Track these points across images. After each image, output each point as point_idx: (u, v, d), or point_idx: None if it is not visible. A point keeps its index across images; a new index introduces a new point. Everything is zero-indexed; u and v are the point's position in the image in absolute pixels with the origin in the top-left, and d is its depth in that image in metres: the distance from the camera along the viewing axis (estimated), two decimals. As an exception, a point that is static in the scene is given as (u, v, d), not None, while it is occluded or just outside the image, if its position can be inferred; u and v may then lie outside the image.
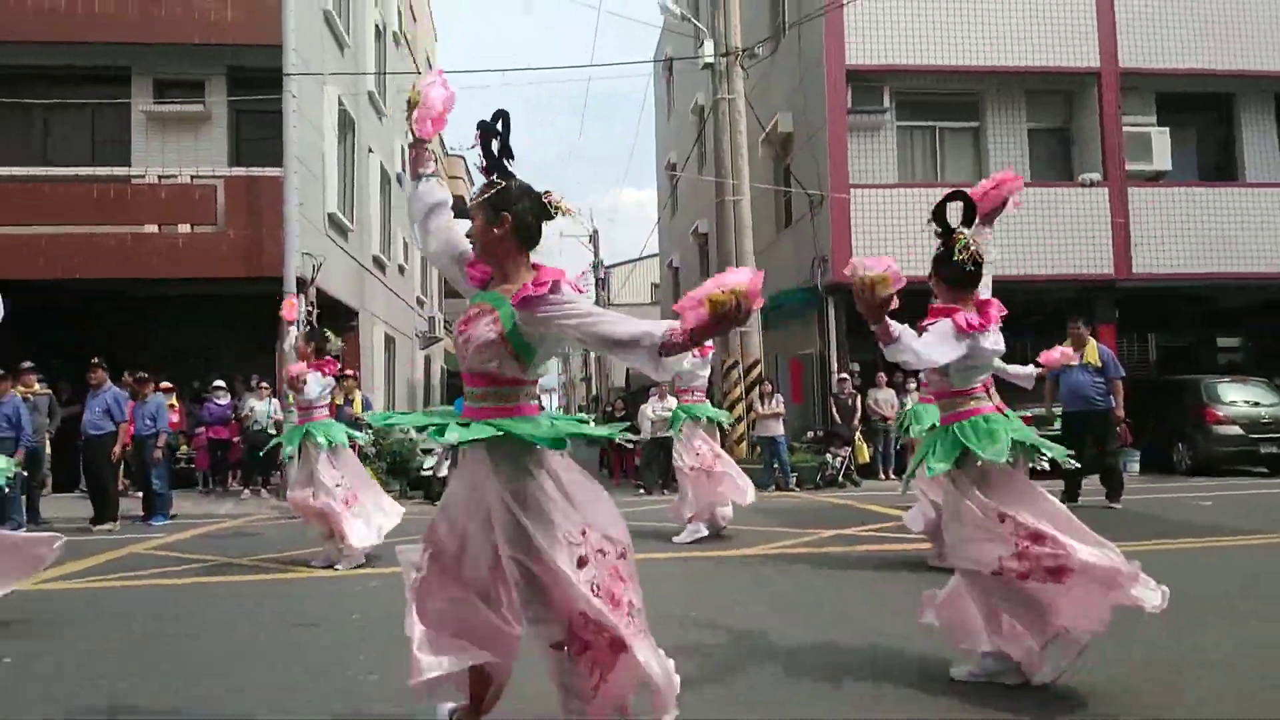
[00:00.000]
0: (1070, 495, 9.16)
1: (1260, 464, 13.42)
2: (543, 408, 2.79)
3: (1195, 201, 15.53)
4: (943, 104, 16.13)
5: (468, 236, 2.74)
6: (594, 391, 45.39)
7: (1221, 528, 7.46)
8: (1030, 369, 5.21)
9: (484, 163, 2.70)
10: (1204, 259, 15.29)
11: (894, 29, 15.08)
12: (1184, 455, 13.98)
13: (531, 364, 2.59)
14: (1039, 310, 13.22)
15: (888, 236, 14.71)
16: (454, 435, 2.51)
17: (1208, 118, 16.76)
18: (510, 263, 2.64)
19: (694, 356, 7.72)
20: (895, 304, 3.07)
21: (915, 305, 3.57)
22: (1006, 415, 3.58)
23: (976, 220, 3.76)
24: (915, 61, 15.14)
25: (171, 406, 11.26)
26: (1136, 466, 13.48)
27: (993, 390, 3.67)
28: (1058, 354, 5.81)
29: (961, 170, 16.07)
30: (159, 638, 4.45)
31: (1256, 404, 13.64)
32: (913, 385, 14.05)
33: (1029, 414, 13.38)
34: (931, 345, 3.33)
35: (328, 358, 7.07)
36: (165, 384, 11.39)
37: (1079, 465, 4.95)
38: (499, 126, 2.72)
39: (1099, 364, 9.27)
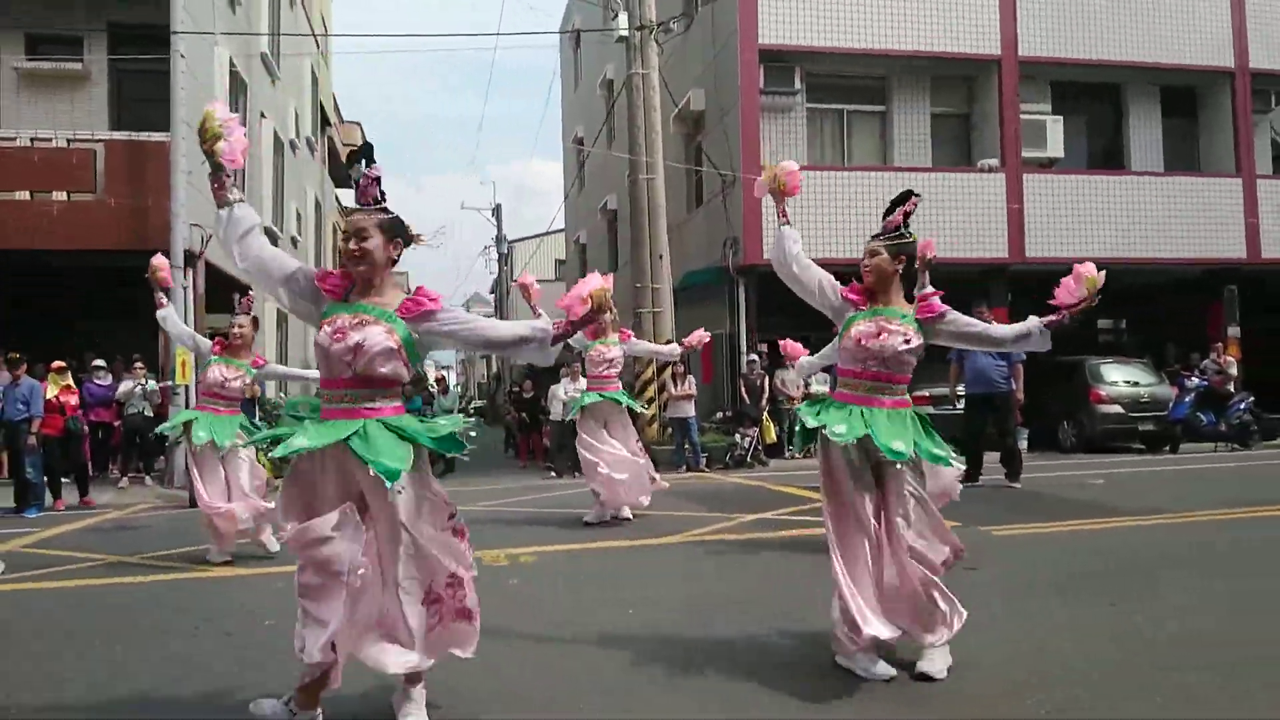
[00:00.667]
0: (971, 476, 9.44)
1: (1139, 441, 14.20)
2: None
3: (1085, 188, 16.21)
4: (852, 87, 16.34)
5: (357, 247, 2.95)
6: (494, 369, 44.74)
7: (1119, 508, 7.79)
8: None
9: (370, 189, 3.08)
10: (1091, 244, 15.96)
11: (806, 10, 15.15)
12: (1069, 433, 14.67)
13: (416, 366, 3.03)
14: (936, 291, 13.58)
15: (798, 218, 14.57)
16: (402, 456, 2.84)
17: (1099, 107, 17.48)
18: (380, 277, 3.01)
19: (616, 342, 7.61)
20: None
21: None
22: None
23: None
24: (826, 43, 15.26)
25: (68, 388, 10.42)
26: (1025, 444, 14.06)
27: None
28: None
29: (868, 153, 16.36)
30: (46, 655, 4.08)
31: (1136, 384, 14.40)
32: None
33: (927, 394, 13.92)
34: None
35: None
36: (58, 363, 10.55)
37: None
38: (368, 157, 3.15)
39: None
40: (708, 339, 8.38)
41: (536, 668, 3.69)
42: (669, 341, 13.97)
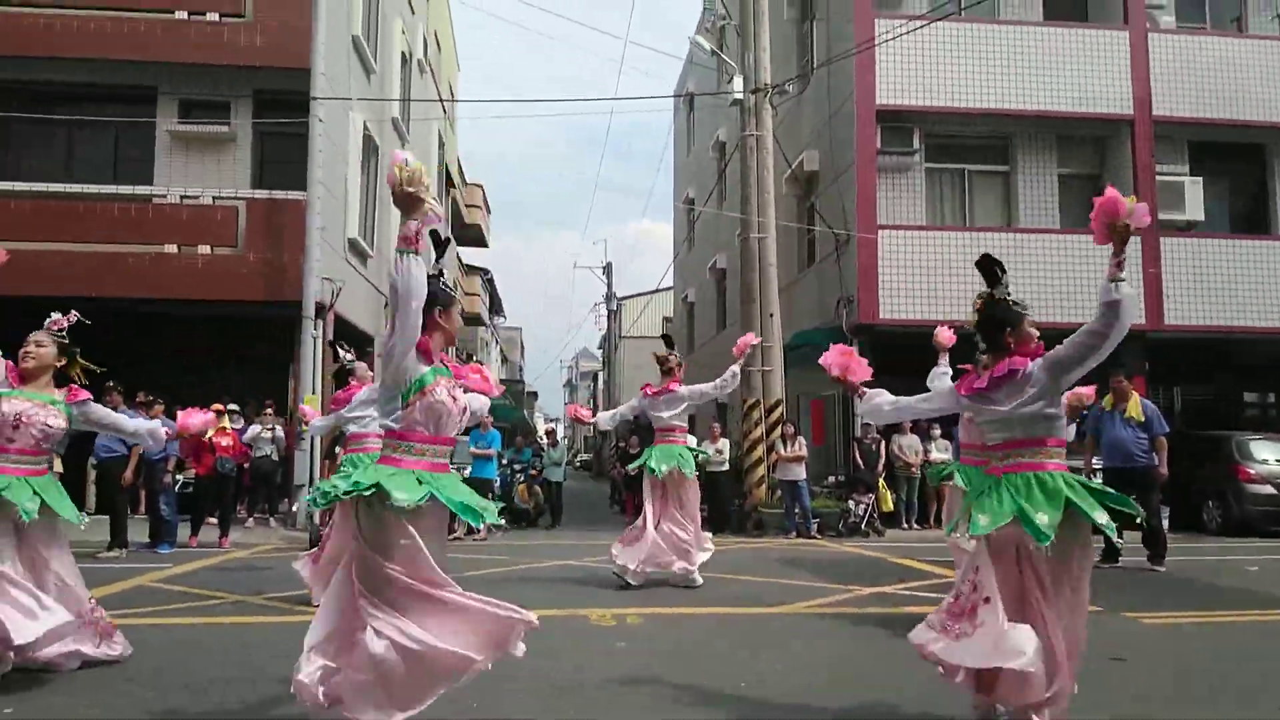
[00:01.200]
0: (1109, 556, 8.81)
1: (1294, 525, 13.01)
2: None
3: (1227, 252, 15.29)
4: (973, 147, 15.96)
5: (437, 326, 3.32)
6: (603, 425, 44.97)
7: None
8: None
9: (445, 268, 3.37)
10: (1235, 311, 15.03)
11: (925, 70, 14.94)
12: (1214, 514, 13.59)
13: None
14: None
15: (915, 278, 14.49)
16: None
17: (1241, 168, 16.55)
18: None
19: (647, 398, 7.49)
20: None
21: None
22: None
23: None
24: (946, 103, 15.00)
25: (222, 430, 10.88)
26: (1166, 523, 13.09)
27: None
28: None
29: (991, 214, 15.89)
30: (166, 690, 4.14)
31: (1280, 460, 13.27)
32: (936, 432, 13.78)
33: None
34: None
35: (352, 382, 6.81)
36: (217, 406, 11.06)
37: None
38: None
39: (1142, 418, 8.94)
40: (755, 341, 8.00)
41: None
42: (776, 403, 13.73)
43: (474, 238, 32.92)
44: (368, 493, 3.06)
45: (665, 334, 8.69)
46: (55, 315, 4.53)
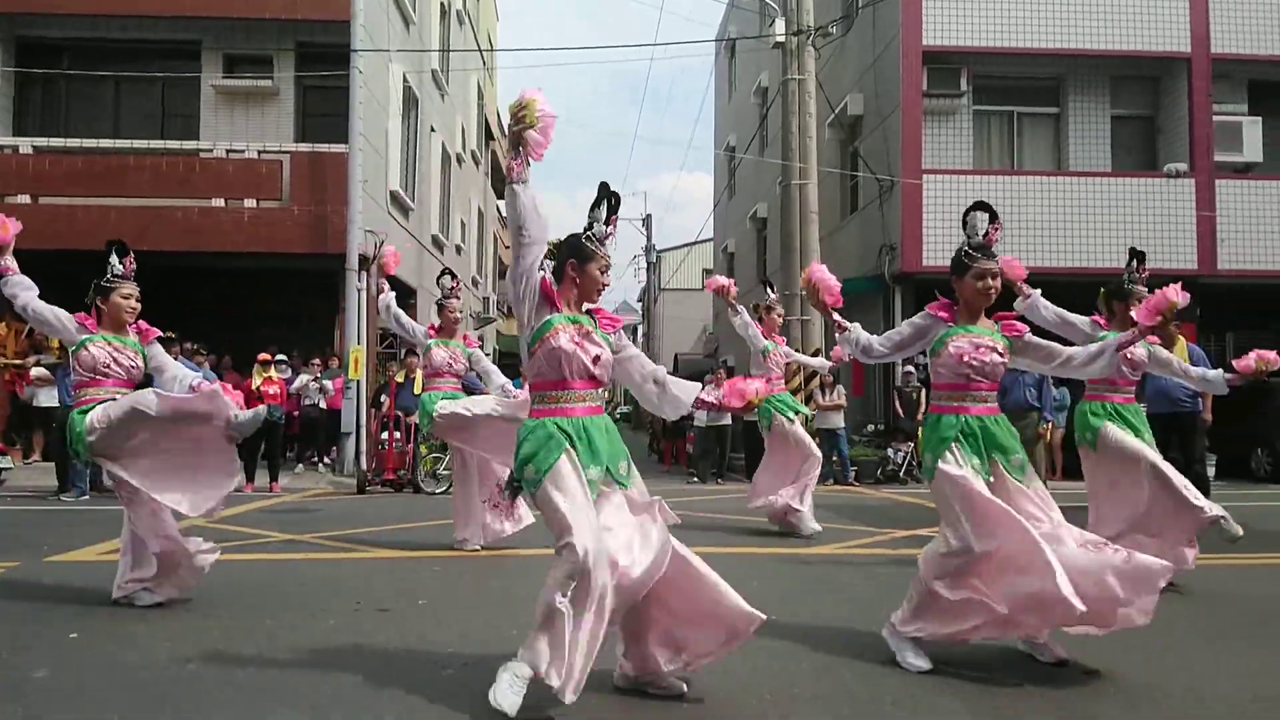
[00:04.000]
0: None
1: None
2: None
3: (1288, 195, 14.78)
4: (1022, 88, 15.53)
5: (569, 278, 3.27)
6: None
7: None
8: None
9: (610, 224, 3.30)
10: (1294, 255, 14.58)
11: (973, 9, 14.53)
12: (1262, 461, 13.37)
13: None
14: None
15: (961, 224, 14.22)
16: None
17: (1303, 108, 15.91)
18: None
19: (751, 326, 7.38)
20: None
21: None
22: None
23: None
24: (995, 43, 14.59)
25: (269, 379, 11.13)
26: (1213, 470, 12.89)
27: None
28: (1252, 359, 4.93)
29: (1040, 158, 15.51)
30: (224, 619, 4.36)
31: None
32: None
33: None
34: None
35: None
36: (263, 355, 11.30)
37: None
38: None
39: (1188, 363, 8.76)
40: (724, 282, 7.77)
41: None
42: (816, 352, 13.69)
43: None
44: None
45: (766, 279, 8.52)
46: (116, 260, 4.67)
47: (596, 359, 3.17)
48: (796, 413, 7.50)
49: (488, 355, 8.32)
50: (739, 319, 7.34)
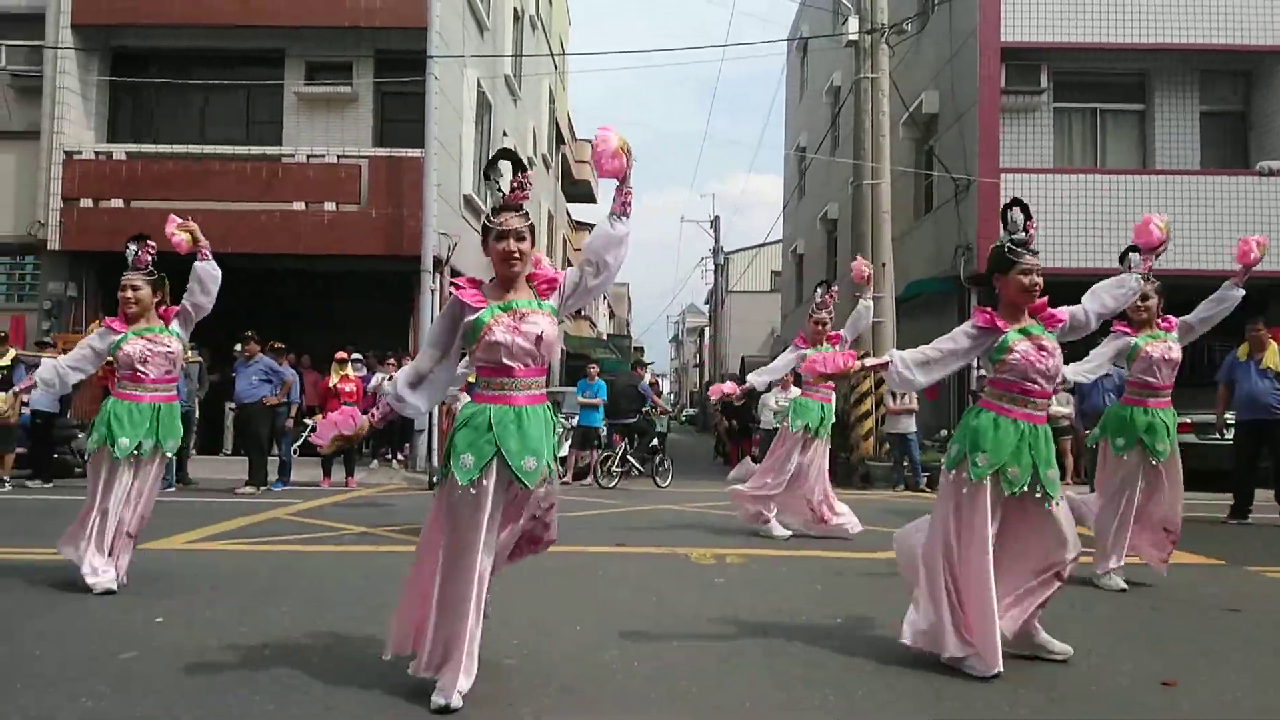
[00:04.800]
0: (1239, 512, 8.36)
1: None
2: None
3: (1394, 193, 13.98)
4: (1105, 84, 15.01)
5: (516, 248, 3.17)
6: (707, 378, 45.10)
7: None
8: None
9: (517, 185, 3.21)
10: (1402, 257, 13.76)
11: (1054, 4, 14.11)
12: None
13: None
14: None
15: (1042, 225, 13.80)
16: None
17: None
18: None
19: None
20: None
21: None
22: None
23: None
24: (1077, 39, 14.15)
25: (346, 377, 11.43)
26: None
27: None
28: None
29: (1124, 156, 14.99)
30: (313, 603, 4.49)
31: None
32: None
33: (1189, 420, 12.44)
34: None
35: None
36: (340, 354, 11.57)
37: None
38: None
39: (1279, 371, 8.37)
40: (866, 269, 7.43)
41: (717, 658, 3.61)
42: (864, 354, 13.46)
43: (583, 194, 33.18)
44: None
45: (824, 280, 8.36)
46: (132, 248, 4.90)
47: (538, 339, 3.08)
48: (819, 435, 7.29)
49: (557, 356, 8.43)
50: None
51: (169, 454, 5.00)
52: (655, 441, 13.39)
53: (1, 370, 9.89)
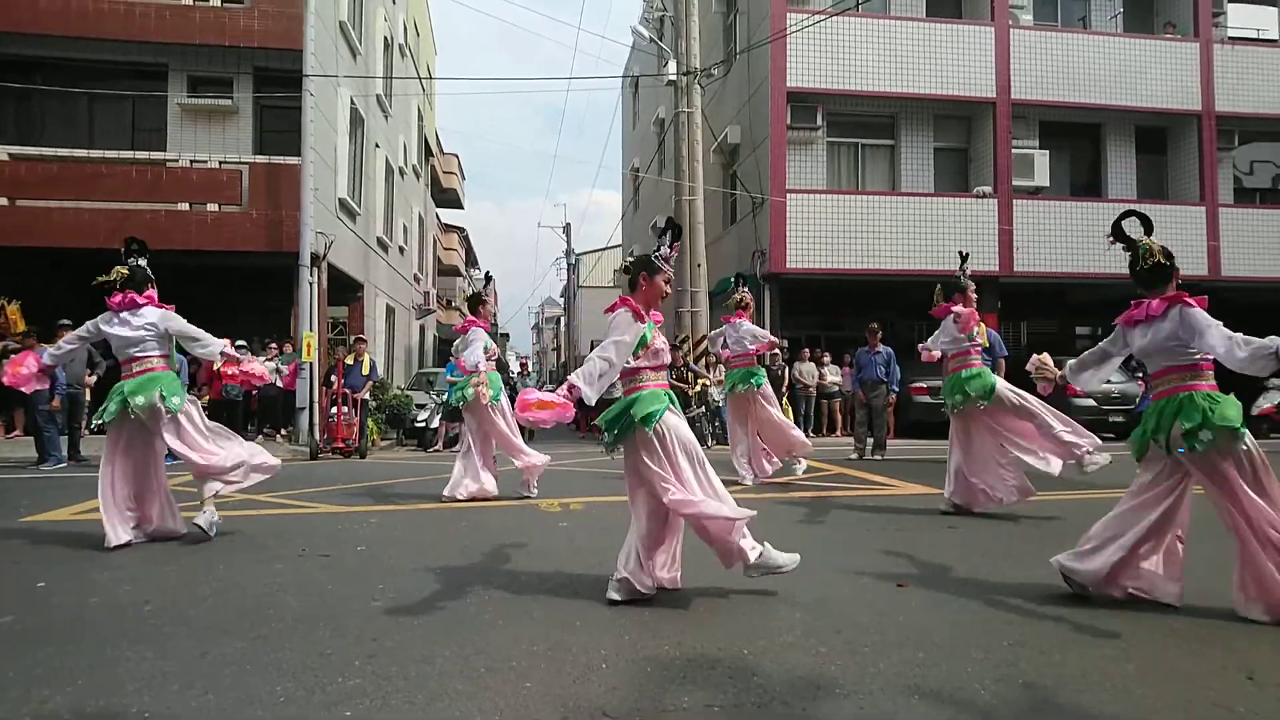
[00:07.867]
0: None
1: (1110, 431, 13.69)
2: None
3: (1066, 213, 15.69)
4: (865, 123, 16.02)
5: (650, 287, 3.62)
6: (562, 359, 45.10)
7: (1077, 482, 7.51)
8: None
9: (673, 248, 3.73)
10: (1070, 261, 15.50)
11: (828, 58, 14.91)
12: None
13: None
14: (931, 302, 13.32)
15: (817, 234, 14.67)
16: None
17: (1081, 143, 16.90)
18: None
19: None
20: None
21: (830, 290, 3.60)
22: None
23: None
24: (844, 86, 15.01)
25: (230, 360, 10.58)
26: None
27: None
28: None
29: (879, 180, 16.06)
30: (191, 565, 4.21)
31: (1108, 381, 13.86)
32: (827, 359, 14.20)
33: (923, 385, 13.56)
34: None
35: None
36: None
37: None
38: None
39: (987, 344, 9.25)
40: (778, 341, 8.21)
41: (557, 588, 3.69)
42: (702, 338, 13.94)
43: (451, 200, 32.25)
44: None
45: (739, 273, 8.65)
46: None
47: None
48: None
49: (429, 341, 8.15)
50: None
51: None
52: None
53: None
